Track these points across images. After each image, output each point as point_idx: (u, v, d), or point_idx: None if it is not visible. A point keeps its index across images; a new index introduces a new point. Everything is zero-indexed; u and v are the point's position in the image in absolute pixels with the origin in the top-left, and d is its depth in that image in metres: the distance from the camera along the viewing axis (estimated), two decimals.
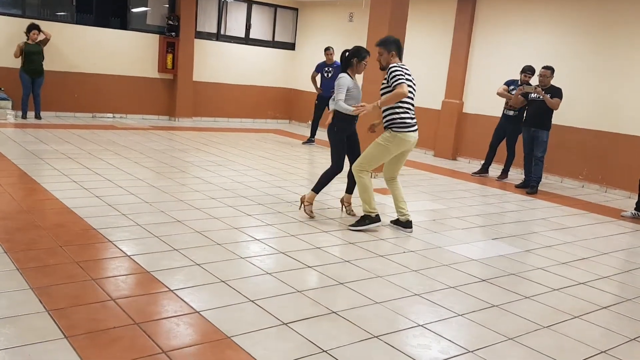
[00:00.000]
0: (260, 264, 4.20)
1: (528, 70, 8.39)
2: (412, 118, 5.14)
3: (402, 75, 4.96)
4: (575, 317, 3.74)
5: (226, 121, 13.56)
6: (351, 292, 3.80)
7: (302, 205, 5.57)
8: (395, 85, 4.96)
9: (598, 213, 7.10)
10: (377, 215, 5.28)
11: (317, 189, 5.56)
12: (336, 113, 5.40)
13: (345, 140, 5.50)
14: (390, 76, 5.00)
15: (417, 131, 5.20)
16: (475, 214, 6.47)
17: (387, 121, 5.15)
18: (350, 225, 5.28)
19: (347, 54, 5.47)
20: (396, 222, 5.49)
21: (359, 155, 5.45)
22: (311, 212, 5.54)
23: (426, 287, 4.02)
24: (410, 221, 5.42)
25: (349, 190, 5.80)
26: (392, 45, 5.13)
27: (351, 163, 5.54)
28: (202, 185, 6.58)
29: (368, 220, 5.25)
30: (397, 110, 5.08)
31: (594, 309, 3.92)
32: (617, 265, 5.03)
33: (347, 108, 5.24)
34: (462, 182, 8.43)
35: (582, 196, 8.18)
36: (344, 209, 5.85)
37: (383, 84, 5.18)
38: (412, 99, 5.16)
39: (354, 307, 3.56)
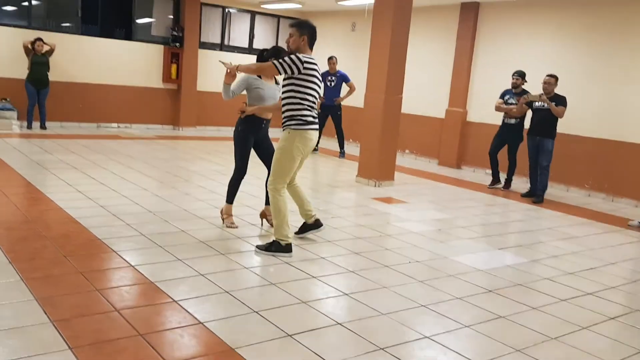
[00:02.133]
0: (264, 274, 4.18)
1: (515, 73, 8.46)
2: (313, 117, 4.64)
3: (293, 65, 4.41)
4: (583, 328, 3.70)
5: (230, 130, 13.53)
6: (356, 303, 3.77)
7: (223, 219, 5.30)
8: (271, 61, 4.51)
9: (605, 222, 7.05)
10: (288, 245, 4.58)
11: (229, 199, 5.27)
12: (245, 116, 5.09)
13: (248, 142, 5.16)
14: (288, 59, 4.45)
15: (317, 130, 4.72)
16: (480, 224, 6.44)
17: (285, 118, 4.62)
18: (257, 246, 4.72)
19: (264, 53, 5.10)
20: (304, 229, 5.06)
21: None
22: (232, 223, 5.25)
23: (432, 298, 3.98)
24: (318, 219, 5.05)
25: (268, 201, 5.19)
26: (305, 30, 4.58)
27: (268, 172, 5.02)
28: (206, 194, 6.57)
29: (275, 247, 4.58)
30: (298, 107, 4.55)
31: (602, 320, 3.88)
32: (624, 276, 4.99)
33: (223, 88, 4.84)
34: (467, 191, 8.39)
35: (589, 205, 8.13)
36: (264, 223, 5.40)
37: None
38: (316, 98, 4.66)
39: (360, 318, 3.53)
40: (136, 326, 3.13)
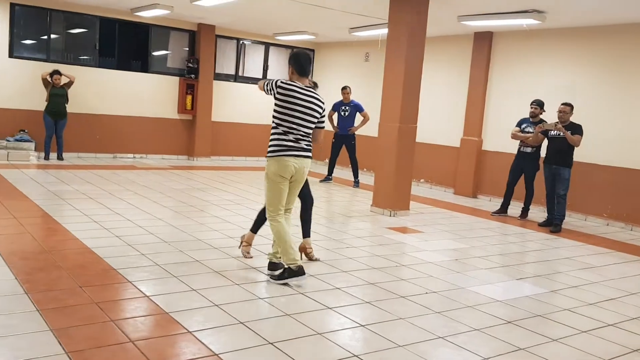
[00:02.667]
0: (280, 304, 4.14)
1: (534, 102, 8.40)
2: (292, 141, 4.51)
3: (271, 90, 4.54)
4: None
5: (244, 160, 13.65)
6: (373, 335, 3.71)
7: (241, 244, 5.30)
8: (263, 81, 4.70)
9: (624, 252, 6.93)
10: (300, 268, 4.54)
11: (254, 228, 5.24)
12: None
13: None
14: (269, 83, 4.61)
15: (301, 157, 4.55)
16: (498, 253, 6.35)
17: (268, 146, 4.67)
18: (270, 275, 4.70)
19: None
20: (270, 266, 4.82)
21: (305, 192, 5.05)
22: (248, 252, 5.22)
23: (450, 329, 3.91)
24: (276, 263, 4.78)
25: (305, 233, 5.35)
26: (291, 61, 4.70)
27: (301, 203, 5.22)
28: (220, 224, 6.57)
29: (287, 273, 4.56)
30: (275, 131, 4.54)
31: (624, 352, 3.78)
32: None
33: None
34: (484, 221, 8.31)
35: (607, 234, 8.01)
36: (303, 257, 5.30)
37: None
38: (300, 125, 4.52)
39: (377, 350, 3.47)
40: (151, 358, 3.10)
